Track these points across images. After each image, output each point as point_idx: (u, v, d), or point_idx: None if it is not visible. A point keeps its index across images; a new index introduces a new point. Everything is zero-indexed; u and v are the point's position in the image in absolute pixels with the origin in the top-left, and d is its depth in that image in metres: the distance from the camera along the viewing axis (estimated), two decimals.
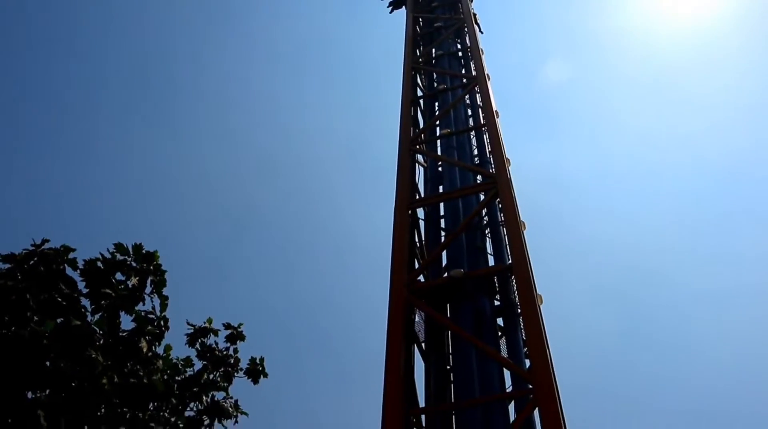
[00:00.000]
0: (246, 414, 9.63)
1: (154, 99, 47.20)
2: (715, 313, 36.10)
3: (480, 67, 14.17)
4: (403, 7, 20.02)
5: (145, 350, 8.26)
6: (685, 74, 49.60)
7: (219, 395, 9.51)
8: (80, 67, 45.01)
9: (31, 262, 8.41)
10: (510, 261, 9.83)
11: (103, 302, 8.32)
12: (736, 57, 46.07)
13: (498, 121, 12.70)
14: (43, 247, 8.50)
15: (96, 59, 45.35)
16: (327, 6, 54.16)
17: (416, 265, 10.86)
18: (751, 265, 36.56)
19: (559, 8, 53.33)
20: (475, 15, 17.01)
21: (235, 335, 9.78)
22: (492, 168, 11.68)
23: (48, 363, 7.87)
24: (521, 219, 10.32)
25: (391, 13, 20.81)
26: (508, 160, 11.55)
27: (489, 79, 13.97)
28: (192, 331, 9.64)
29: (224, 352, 9.65)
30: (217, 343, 9.75)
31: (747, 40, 46.22)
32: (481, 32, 17.03)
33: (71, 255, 8.48)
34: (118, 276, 8.61)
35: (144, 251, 8.69)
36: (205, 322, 9.75)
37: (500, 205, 11.04)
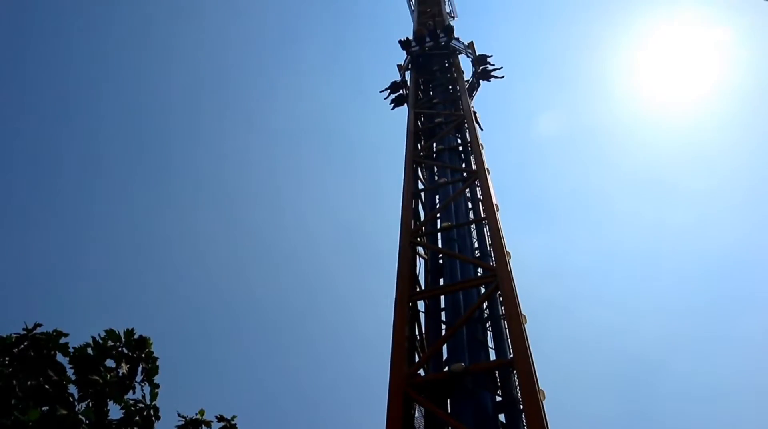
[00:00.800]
0: None
1: (150, 183, 47.82)
2: (716, 400, 35.72)
3: (480, 162, 14.34)
4: (405, 104, 20.58)
5: None
6: (674, 169, 50.82)
7: None
8: (75, 142, 45.76)
9: (22, 346, 8.20)
10: (511, 355, 9.60)
11: (90, 390, 8.04)
12: (724, 155, 47.36)
13: (498, 214, 12.75)
14: (35, 332, 8.28)
15: (91, 138, 46.19)
16: (326, 93, 55.67)
17: (416, 359, 10.61)
18: (747, 349, 36.44)
19: (554, 103, 55.02)
20: (475, 113, 17.40)
21: (228, 428, 9.38)
22: (493, 261, 11.61)
23: None
24: (522, 312, 10.16)
25: (392, 109, 21.34)
26: (508, 252, 11.49)
27: (489, 173, 14.13)
28: (183, 423, 9.25)
29: None
30: None
31: (736, 139, 47.56)
32: (481, 129, 17.35)
33: (63, 340, 8.28)
34: (109, 363, 8.37)
35: (137, 336, 8.47)
36: (196, 414, 9.35)
37: (501, 298, 10.91)
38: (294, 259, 46.54)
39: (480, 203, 13.80)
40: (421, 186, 15.11)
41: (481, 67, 21.02)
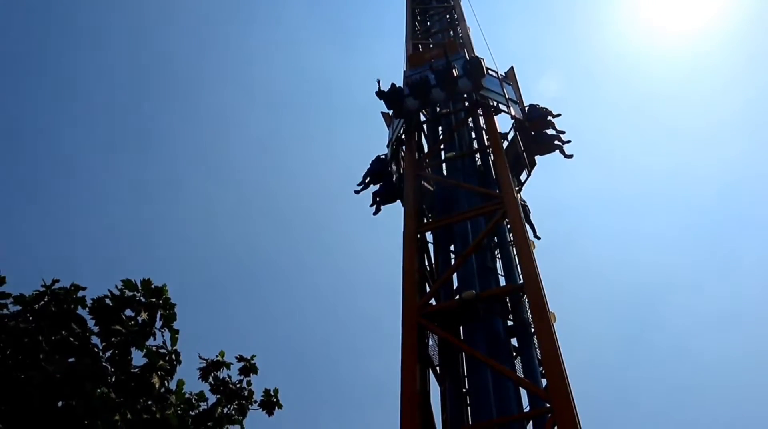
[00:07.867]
0: None
1: (156, 145, 47.68)
2: (714, 326, 36.53)
3: None
4: (399, 200, 13.42)
5: (157, 386, 8.18)
6: (672, 105, 50.33)
7: None
8: (77, 115, 45.51)
9: (42, 302, 8.42)
10: (521, 280, 9.75)
11: (113, 339, 8.29)
12: (720, 67, 46.79)
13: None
14: (53, 288, 8.48)
15: (95, 111, 45.89)
16: (322, 45, 54.67)
17: (427, 289, 10.79)
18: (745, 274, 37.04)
19: (556, 40, 53.96)
20: (525, 205, 12.42)
21: (248, 368, 9.62)
22: (498, 189, 11.64)
23: (61, 403, 7.82)
24: (530, 238, 10.26)
25: (375, 214, 14.02)
26: (514, 180, 11.50)
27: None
28: (204, 365, 9.52)
29: (238, 385, 9.52)
30: (230, 377, 9.62)
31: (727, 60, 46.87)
32: (537, 238, 12.25)
33: (80, 293, 8.48)
34: (128, 312, 8.58)
35: (152, 286, 8.66)
36: (217, 356, 9.60)
37: (508, 226, 11.00)
38: (298, 202, 46.71)
39: (484, 133, 13.70)
40: (423, 118, 14.93)
41: (536, 131, 13.08)
